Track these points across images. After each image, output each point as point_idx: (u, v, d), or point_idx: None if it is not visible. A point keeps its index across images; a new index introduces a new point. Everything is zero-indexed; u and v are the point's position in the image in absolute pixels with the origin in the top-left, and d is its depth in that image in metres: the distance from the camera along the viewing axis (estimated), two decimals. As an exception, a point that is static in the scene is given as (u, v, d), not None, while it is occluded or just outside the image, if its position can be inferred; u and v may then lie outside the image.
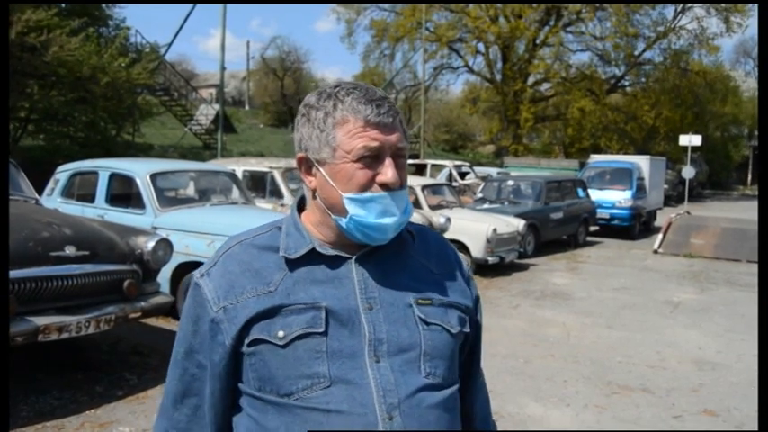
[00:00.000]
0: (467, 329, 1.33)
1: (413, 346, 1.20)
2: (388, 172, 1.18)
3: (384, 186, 1.19)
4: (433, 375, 1.21)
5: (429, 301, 1.26)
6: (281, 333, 1.17)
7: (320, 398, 1.14)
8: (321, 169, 1.22)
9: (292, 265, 1.23)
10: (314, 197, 1.26)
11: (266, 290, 1.20)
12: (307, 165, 1.25)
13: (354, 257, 1.24)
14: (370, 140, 1.17)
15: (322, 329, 1.17)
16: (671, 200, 27.22)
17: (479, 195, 14.42)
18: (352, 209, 1.19)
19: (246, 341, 1.19)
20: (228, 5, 18.77)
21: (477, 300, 1.41)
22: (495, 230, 10.16)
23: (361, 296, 1.21)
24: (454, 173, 20.78)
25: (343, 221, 1.21)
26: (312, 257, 1.23)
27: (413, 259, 1.31)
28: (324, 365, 1.15)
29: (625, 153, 30.63)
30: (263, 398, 1.18)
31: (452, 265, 1.37)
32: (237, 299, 1.20)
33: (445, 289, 1.30)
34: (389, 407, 1.14)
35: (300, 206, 1.34)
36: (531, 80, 37.42)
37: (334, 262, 1.24)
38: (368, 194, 1.19)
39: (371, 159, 1.18)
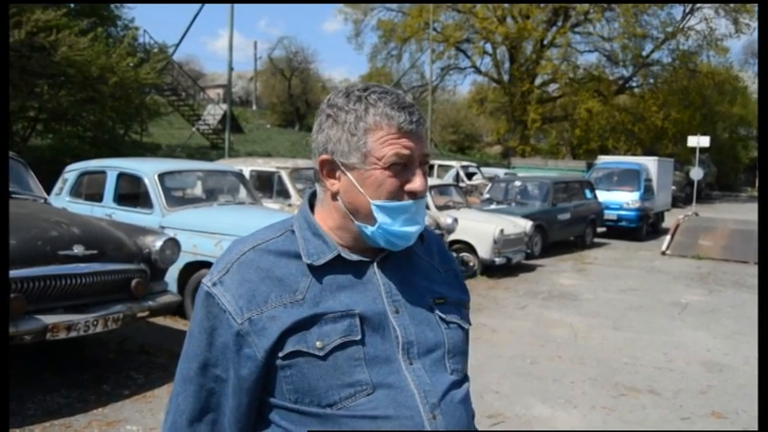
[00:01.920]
0: (471, 324, 1.38)
1: (438, 346, 1.23)
2: (417, 180, 1.19)
3: (411, 194, 1.19)
4: (457, 372, 1.25)
5: (443, 300, 1.29)
6: (318, 344, 1.15)
7: (365, 405, 1.14)
8: (349, 174, 1.20)
9: (317, 272, 1.20)
10: (333, 199, 1.23)
11: (293, 299, 1.17)
12: (330, 167, 1.22)
13: (375, 261, 1.24)
14: (402, 148, 1.17)
15: (359, 337, 1.16)
16: (679, 201, 27.11)
17: (486, 196, 14.40)
18: (381, 217, 1.18)
19: (281, 354, 1.15)
20: (236, 6, 18.81)
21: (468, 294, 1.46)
22: (502, 231, 10.14)
23: (387, 300, 1.21)
24: (461, 173, 20.77)
25: (370, 229, 1.20)
26: (335, 263, 1.22)
27: (421, 260, 1.32)
28: (364, 373, 1.15)
29: (633, 154, 30.55)
30: (301, 410, 1.15)
31: (451, 262, 1.41)
32: (262, 309, 1.16)
33: (452, 287, 1.35)
34: (432, 406, 1.16)
35: (311, 208, 1.30)
36: (538, 81, 37.30)
37: (357, 267, 1.23)
38: (397, 203, 1.19)
39: (401, 167, 1.18)
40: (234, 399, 1.19)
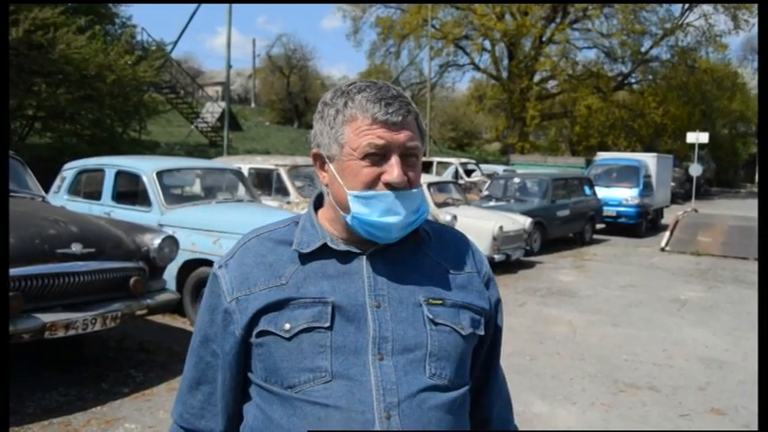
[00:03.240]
0: (480, 332, 1.30)
1: (419, 346, 1.20)
2: (393, 171, 1.18)
3: (389, 185, 1.19)
4: (439, 376, 1.20)
5: (440, 302, 1.25)
6: (287, 326, 1.18)
7: (320, 392, 1.15)
8: (331, 165, 1.24)
9: (305, 259, 1.24)
10: (327, 193, 1.28)
11: (278, 283, 1.22)
12: (320, 161, 1.27)
13: (366, 254, 1.24)
14: (375, 138, 1.18)
15: (327, 324, 1.18)
16: (678, 197, 27.13)
17: (485, 193, 14.40)
18: (355, 206, 1.20)
19: (255, 332, 1.20)
20: (234, 3, 18.80)
21: (497, 302, 1.39)
22: (501, 228, 10.14)
23: (369, 293, 1.21)
24: (460, 170, 20.75)
25: (348, 218, 1.22)
26: (324, 252, 1.25)
27: (428, 259, 1.30)
28: (326, 360, 1.16)
29: (632, 151, 30.56)
30: (268, 389, 1.20)
31: (471, 265, 1.35)
32: (250, 290, 1.22)
33: (460, 290, 1.29)
34: (388, 405, 1.14)
35: (320, 202, 1.35)
36: (537, 77, 37.29)
37: (345, 257, 1.24)
38: (370, 192, 1.19)
39: (378, 158, 1.19)
40: (221, 373, 1.28)
